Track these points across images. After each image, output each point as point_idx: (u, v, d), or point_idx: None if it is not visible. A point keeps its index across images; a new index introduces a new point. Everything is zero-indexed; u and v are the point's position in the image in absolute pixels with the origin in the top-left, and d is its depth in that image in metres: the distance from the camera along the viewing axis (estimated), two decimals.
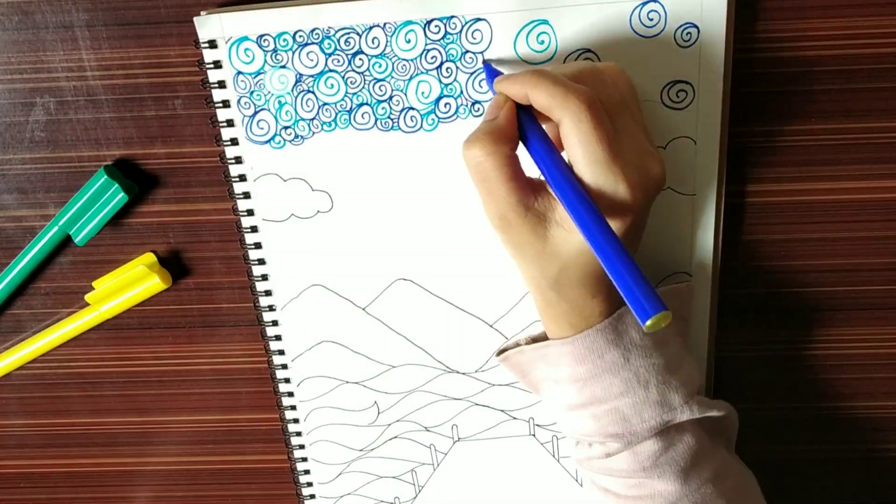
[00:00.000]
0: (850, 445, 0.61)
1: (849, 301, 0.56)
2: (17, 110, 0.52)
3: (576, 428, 0.48)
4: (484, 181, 0.42)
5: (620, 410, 0.46)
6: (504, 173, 0.42)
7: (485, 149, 0.42)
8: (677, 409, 0.47)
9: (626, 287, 0.37)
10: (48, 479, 0.65)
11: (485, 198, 0.43)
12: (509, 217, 0.43)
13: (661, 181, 0.43)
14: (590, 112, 0.39)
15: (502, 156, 0.42)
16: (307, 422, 0.59)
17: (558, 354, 0.47)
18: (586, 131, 0.39)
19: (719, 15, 0.46)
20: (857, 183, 0.52)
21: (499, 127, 0.42)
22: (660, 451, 0.47)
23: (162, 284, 0.55)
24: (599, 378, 0.46)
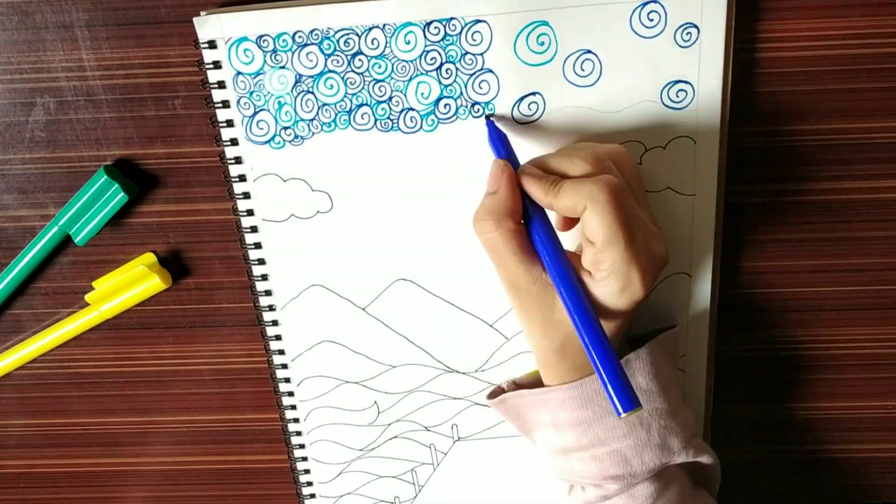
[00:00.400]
0: (850, 445, 0.61)
1: (849, 301, 0.56)
2: (17, 110, 0.52)
3: (574, 470, 0.49)
4: (494, 252, 0.45)
5: (622, 452, 0.47)
6: (511, 246, 0.44)
7: (489, 226, 0.44)
8: (675, 453, 0.48)
9: (609, 381, 0.41)
10: (48, 479, 0.65)
11: (496, 267, 0.46)
12: (519, 285, 0.45)
13: (665, 262, 0.45)
14: (615, 201, 0.41)
15: (508, 231, 0.44)
16: (307, 422, 0.59)
17: (562, 399, 0.48)
18: (608, 217, 0.41)
19: (719, 15, 0.46)
20: (858, 183, 0.52)
21: (502, 203, 0.44)
22: (656, 493, 0.48)
23: (162, 284, 0.55)
24: (603, 420, 0.47)
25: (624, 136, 0.49)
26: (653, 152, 0.50)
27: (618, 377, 0.41)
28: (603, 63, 0.47)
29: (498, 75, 0.48)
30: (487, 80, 0.48)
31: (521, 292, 0.45)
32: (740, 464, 0.61)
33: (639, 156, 0.50)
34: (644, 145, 0.49)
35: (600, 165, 0.43)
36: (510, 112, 0.49)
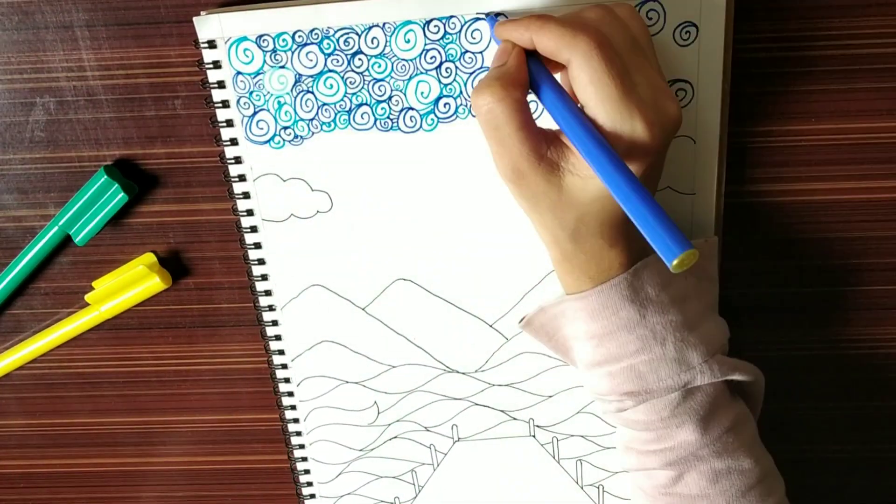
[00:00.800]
0: (850, 445, 0.61)
1: (849, 301, 0.56)
2: (17, 110, 0.52)
3: (592, 386, 0.47)
4: (495, 129, 0.41)
5: (636, 368, 0.45)
6: (516, 120, 0.41)
7: (495, 94, 0.40)
8: (696, 367, 0.45)
9: (649, 226, 0.35)
10: (48, 479, 0.65)
11: (496, 148, 0.42)
12: (522, 167, 0.42)
13: (677, 120, 0.41)
14: (599, 50, 0.38)
15: (513, 101, 0.40)
16: (307, 422, 0.59)
17: (574, 310, 0.45)
18: (597, 68, 0.38)
19: (718, 14, 0.46)
20: (857, 183, 0.52)
21: (508, 72, 0.41)
22: (678, 400, 0.45)
23: (162, 284, 0.55)
24: (615, 335, 0.45)
25: None
26: None
27: (659, 216, 0.35)
28: None
29: None
30: None
31: (524, 176, 0.42)
32: None
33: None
34: None
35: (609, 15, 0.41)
36: None
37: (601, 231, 0.43)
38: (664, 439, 0.47)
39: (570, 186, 0.42)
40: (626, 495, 0.60)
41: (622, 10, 0.42)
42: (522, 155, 0.41)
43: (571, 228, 0.43)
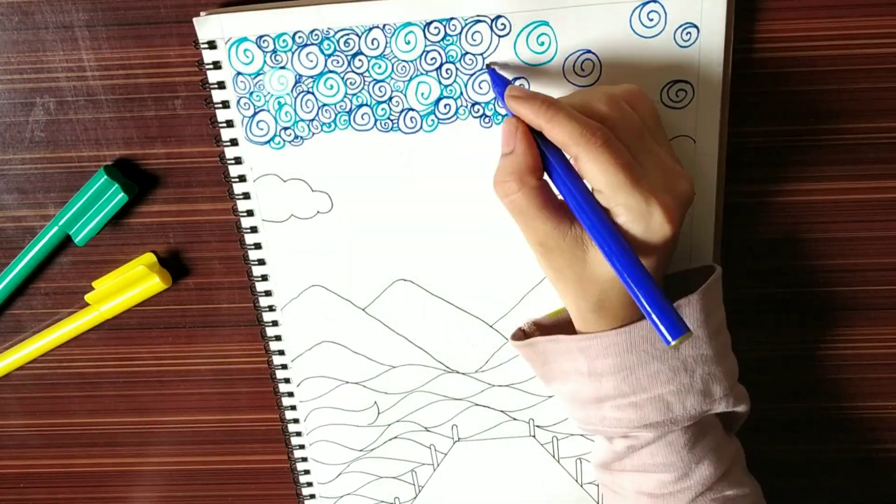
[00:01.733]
0: (850, 445, 0.61)
1: (849, 301, 0.56)
2: (17, 110, 0.52)
3: (607, 419, 0.47)
4: (519, 214, 0.44)
5: (664, 398, 0.46)
6: (535, 204, 0.43)
7: (511, 188, 0.43)
8: (717, 400, 0.47)
9: (651, 312, 0.39)
10: (48, 479, 0.65)
11: (521, 227, 0.44)
12: (548, 243, 0.44)
13: (690, 197, 0.44)
14: (605, 148, 0.40)
15: (530, 189, 0.43)
16: (307, 422, 0.59)
17: (605, 345, 0.46)
18: (604, 162, 0.40)
19: (719, 15, 0.46)
20: (857, 183, 0.52)
21: (519, 162, 0.43)
22: (692, 440, 0.47)
23: (162, 284, 0.55)
24: (646, 366, 0.46)
25: None
26: None
27: (662, 305, 0.39)
28: (603, 63, 0.47)
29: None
30: (488, 80, 0.48)
31: (550, 251, 0.44)
32: None
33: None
34: None
35: (616, 106, 0.42)
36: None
37: (623, 305, 0.45)
38: (684, 478, 0.48)
39: (594, 262, 0.43)
40: None
41: (629, 94, 0.44)
42: (547, 233, 0.43)
43: (594, 301, 0.45)
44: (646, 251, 0.42)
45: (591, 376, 0.47)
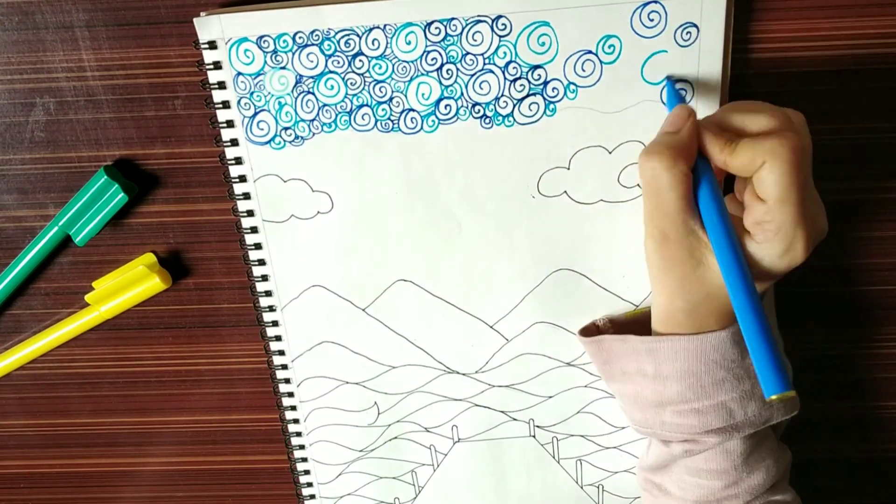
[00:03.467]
0: (850, 445, 0.61)
1: (849, 301, 0.56)
2: (17, 110, 0.52)
3: (667, 423, 0.47)
4: (655, 193, 0.43)
5: (727, 405, 0.46)
6: (678, 191, 0.42)
7: (664, 162, 0.42)
8: (776, 407, 0.47)
9: (761, 359, 0.39)
10: (48, 479, 0.65)
11: (651, 210, 0.44)
12: (671, 234, 0.43)
13: (824, 234, 0.44)
14: (794, 158, 0.40)
15: (680, 173, 0.42)
16: (307, 422, 0.59)
17: (676, 350, 0.46)
18: (788, 174, 0.40)
19: (719, 15, 0.46)
20: (858, 183, 0.52)
21: (682, 143, 0.42)
22: (749, 449, 0.47)
23: (162, 284, 0.55)
24: (713, 374, 0.46)
25: (624, 135, 0.49)
26: None
27: (773, 354, 0.39)
28: (603, 63, 0.47)
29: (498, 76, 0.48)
30: (488, 81, 0.48)
31: (669, 241, 0.43)
32: None
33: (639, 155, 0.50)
34: (644, 145, 0.49)
35: (786, 122, 0.42)
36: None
37: (718, 314, 0.45)
38: (733, 486, 0.48)
39: (708, 266, 0.43)
40: (625, 494, 0.61)
41: (798, 119, 0.43)
42: (675, 222, 0.43)
43: (692, 304, 0.44)
44: (765, 275, 0.43)
45: (656, 379, 0.47)
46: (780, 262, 0.42)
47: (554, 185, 0.51)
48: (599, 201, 0.51)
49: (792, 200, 0.40)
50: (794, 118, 0.43)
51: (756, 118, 0.42)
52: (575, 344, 0.55)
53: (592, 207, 0.51)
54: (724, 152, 0.42)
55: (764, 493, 0.49)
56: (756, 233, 0.42)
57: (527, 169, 0.50)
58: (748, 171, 0.41)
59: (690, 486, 0.49)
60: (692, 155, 0.43)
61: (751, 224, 0.42)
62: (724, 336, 0.45)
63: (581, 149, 0.50)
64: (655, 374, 0.47)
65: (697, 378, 0.46)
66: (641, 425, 0.49)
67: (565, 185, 0.51)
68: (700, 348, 0.45)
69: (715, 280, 0.43)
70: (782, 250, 0.42)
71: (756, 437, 0.48)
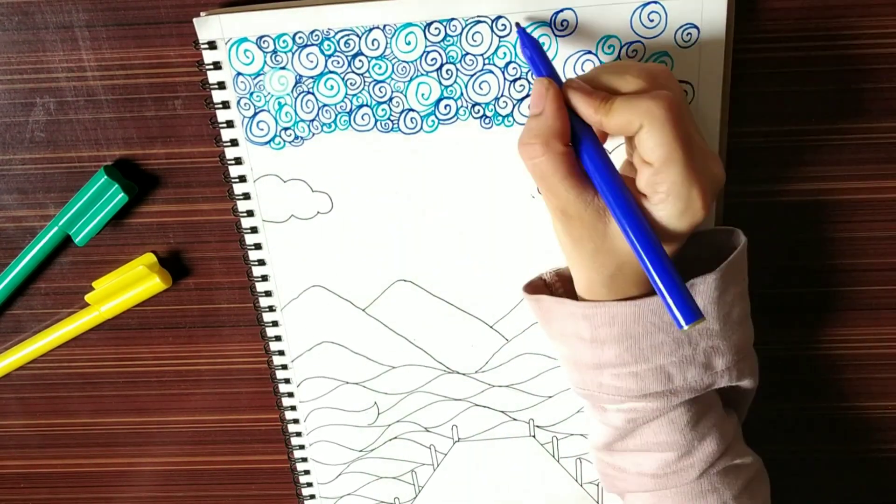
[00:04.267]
0: (850, 445, 0.61)
1: (849, 301, 0.56)
2: (17, 110, 0.52)
3: (605, 385, 0.47)
4: (542, 178, 0.43)
5: (665, 369, 0.46)
6: (561, 171, 0.42)
7: (537, 150, 0.42)
8: (719, 373, 0.47)
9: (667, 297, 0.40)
10: (48, 479, 0.65)
11: (544, 192, 0.43)
12: (569, 211, 0.43)
13: (722, 183, 0.43)
14: (672, 119, 0.39)
15: (556, 154, 0.42)
16: (307, 422, 0.59)
17: (611, 315, 0.45)
18: (668, 135, 0.39)
19: (719, 16, 0.46)
20: (857, 183, 0.52)
21: (548, 125, 0.42)
22: (694, 418, 0.47)
23: (162, 284, 0.55)
24: (651, 336, 0.45)
25: None
26: None
27: (678, 288, 0.40)
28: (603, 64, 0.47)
29: (498, 76, 0.48)
30: (488, 81, 0.48)
31: (571, 219, 0.43)
32: None
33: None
34: None
35: (654, 81, 0.41)
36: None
37: (636, 280, 0.44)
38: (687, 456, 0.48)
39: (614, 235, 0.43)
40: None
41: (663, 72, 0.43)
42: (569, 200, 0.42)
43: (608, 274, 0.44)
44: (671, 233, 0.42)
45: (593, 343, 0.47)
46: (680, 222, 0.41)
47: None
48: None
49: (678, 159, 0.40)
50: (660, 72, 0.42)
51: (625, 79, 0.42)
52: None
53: None
54: (598, 113, 0.41)
55: (720, 459, 0.48)
56: (650, 194, 0.41)
57: None
58: (627, 132, 0.41)
59: (645, 459, 0.49)
60: (563, 131, 0.42)
61: (643, 186, 0.42)
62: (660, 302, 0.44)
63: None
64: (592, 338, 0.46)
65: (635, 341, 0.45)
66: (580, 386, 0.49)
67: None
68: (637, 313, 0.45)
69: (624, 248, 0.43)
70: (680, 210, 0.41)
71: (699, 405, 0.48)
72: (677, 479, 0.48)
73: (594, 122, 0.42)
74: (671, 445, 0.48)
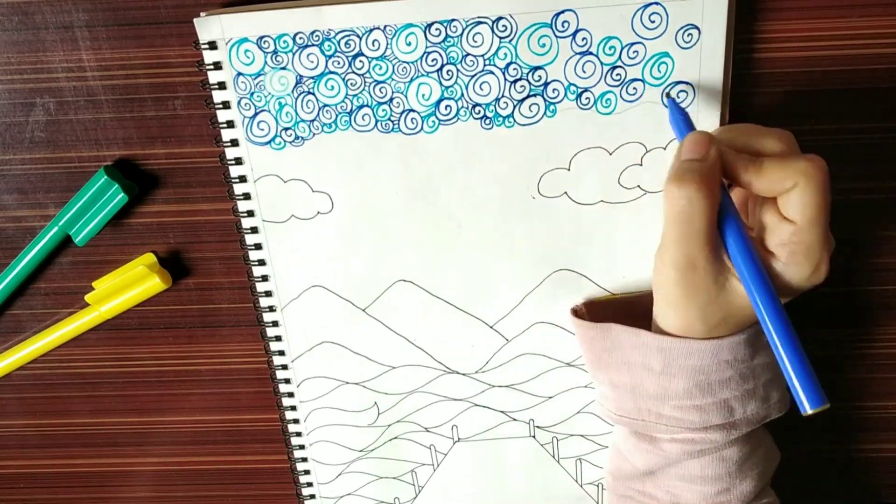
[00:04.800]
0: (851, 445, 0.61)
1: (849, 301, 0.56)
2: (17, 110, 0.52)
3: (665, 416, 0.47)
4: (687, 222, 0.41)
5: (728, 403, 0.46)
6: (708, 220, 0.41)
7: (701, 191, 0.40)
8: (773, 405, 0.47)
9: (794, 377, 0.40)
10: (48, 479, 0.65)
11: (678, 238, 0.42)
12: (698, 262, 0.42)
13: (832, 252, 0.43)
14: (825, 181, 0.40)
15: (712, 201, 0.41)
16: (307, 422, 0.59)
17: (689, 351, 0.45)
18: (819, 196, 0.40)
19: (720, 17, 0.46)
20: (857, 183, 0.52)
21: (712, 169, 0.41)
22: (746, 455, 0.48)
23: (162, 284, 0.55)
24: (721, 373, 0.46)
25: (625, 136, 0.49)
26: (653, 153, 0.50)
27: (807, 371, 0.40)
28: (604, 64, 0.47)
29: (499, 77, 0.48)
30: (488, 82, 0.48)
31: (696, 270, 0.42)
32: None
33: (639, 157, 0.50)
34: (644, 146, 0.49)
35: (795, 146, 0.42)
36: None
37: (736, 325, 0.45)
38: (725, 493, 0.48)
39: (733, 289, 0.43)
40: None
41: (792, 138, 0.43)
42: (703, 252, 0.42)
43: (713, 324, 0.44)
44: (791, 292, 0.43)
45: (663, 375, 0.46)
46: (805, 283, 0.42)
47: (554, 186, 0.51)
48: (600, 202, 0.51)
49: (821, 222, 0.41)
50: (793, 137, 0.43)
51: (767, 140, 0.42)
52: (575, 344, 0.55)
53: (593, 208, 0.51)
54: (748, 172, 0.41)
55: (752, 500, 0.49)
56: (781, 254, 0.42)
57: (527, 169, 0.50)
58: (774, 192, 0.41)
59: (682, 490, 0.49)
60: (720, 183, 0.42)
61: (775, 245, 0.42)
62: (741, 339, 0.45)
63: (581, 150, 0.50)
64: (662, 371, 0.46)
65: (706, 376, 0.46)
66: (631, 415, 0.49)
67: (566, 185, 0.51)
68: (714, 351, 0.45)
69: (737, 302, 0.43)
70: (809, 272, 0.42)
71: (751, 443, 0.48)
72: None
73: (744, 182, 0.42)
74: (714, 481, 0.48)
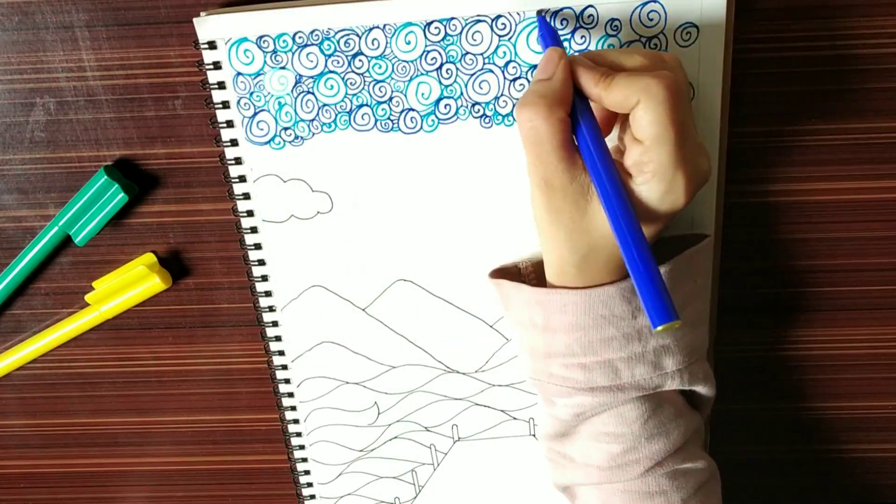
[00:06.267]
0: (851, 445, 0.61)
1: (849, 301, 0.56)
2: (17, 110, 0.52)
3: (555, 375, 0.47)
4: (534, 144, 0.42)
5: (613, 364, 0.46)
6: (556, 139, 0.41)
7: (540, 112, 0.41)
8: (669, 374, 0.46)
9: (646, 291, 0.39)
10: (48, 479, 0.65)
11: (532, 160, 0.43)
12: (554, 182, 0.42)
13: (707, 176, 0.43)
14: (669, 93, 0.40)
15: (557, 121, 0.41)
16: (307, 422, 0.59)
17: (564, 303, 0.45)
18: (663, 114, 0.39)
19: (719, 15, 0.46)
20: (857, 183, 0.52)
21: (555, 90, 0.42)
22: (647, 413, 0.47)
23: (162, 284, 0.55)
24: (600, 329, 0.45)
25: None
26: None
27: (657, 286, 0.39)
28: None
29: (498, 75, 0.48)
30: (488, 81, 0.48)
31: (554, 191, 0.42)
32: (736, 464, 0.61)
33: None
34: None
35: (661, 64, 0.42)
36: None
37: (608, 266, 0.44)
38: (632, 451, 0.48)
39: (594, 214, 0.42)
40: None
41: (672, 60, 0.43)
42: (557, 171, 0.42)
43: (581, 255, 0.44)
44: (650, 217, 0.42)
45: (546, 331, 0.46)
46: (661, 204, 0.41)
47: None
48: None
49: (668, 140, 0.40)
50: (668, 59, 0.43)
51: (631, 56, 0.42)
52: None
53: None
54: (598, 86, 0.41)
55: (667, 460, 0.48)
56: (636, 174, 0.41)
57: None
58: (623, 108, 0.41)
59: (593, 451, 0.49)
60: (568, 100, 0.42)
61: (630, 164, 0.42)
62: (613, 291, 0.44)
63: None
64: (545, 326, 0.46)
65: (585, 332, 0.45)
66: (532, 375, 0.49)
67: None
68: (588, 302, 0.45)
69: (601, 229, 0.42)
70: (662, 191, 0.41)
71: (652, 402, 0.47)
72: (622, 474, 0.48)
73: (594, 95, 0.42)
74: (618, 438, 0.47)
